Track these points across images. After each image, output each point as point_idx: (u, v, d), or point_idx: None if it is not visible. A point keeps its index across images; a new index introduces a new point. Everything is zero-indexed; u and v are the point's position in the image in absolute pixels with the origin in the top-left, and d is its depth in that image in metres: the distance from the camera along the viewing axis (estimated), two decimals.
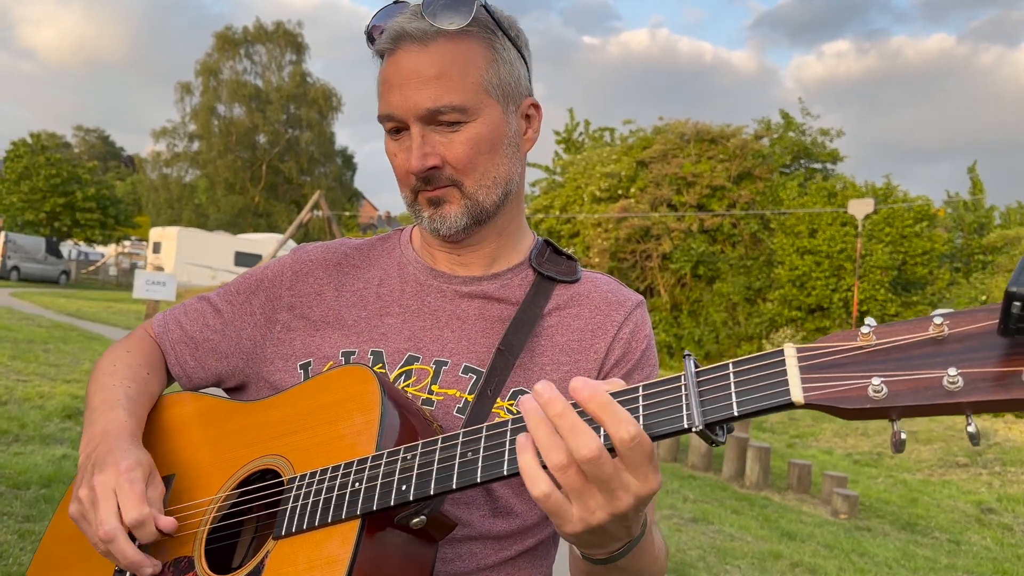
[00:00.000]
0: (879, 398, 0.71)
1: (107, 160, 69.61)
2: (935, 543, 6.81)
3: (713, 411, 0.78)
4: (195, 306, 1.36)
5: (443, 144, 1.13)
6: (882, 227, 19.71)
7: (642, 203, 22.53)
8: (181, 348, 1.32)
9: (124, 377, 1.26)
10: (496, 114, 1.16)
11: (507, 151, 1.18)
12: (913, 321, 0.73)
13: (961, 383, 0.68)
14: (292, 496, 1.02)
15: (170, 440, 1.24)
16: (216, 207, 49.36)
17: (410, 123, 1.13)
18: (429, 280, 1.25)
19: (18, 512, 4.44)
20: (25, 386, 7.88)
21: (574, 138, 27.87)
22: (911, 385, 0.71)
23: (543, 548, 1.23)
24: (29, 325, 13.29)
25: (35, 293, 23.96)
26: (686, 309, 21.97)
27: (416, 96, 1.11)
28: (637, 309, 1.26)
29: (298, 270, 1.31)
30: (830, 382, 0.74)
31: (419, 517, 0.96)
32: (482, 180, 1.16)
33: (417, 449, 0.95)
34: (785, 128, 23.75)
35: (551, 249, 1.31)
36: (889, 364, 0.72)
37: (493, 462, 0.89)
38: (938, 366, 0.70)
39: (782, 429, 12.06)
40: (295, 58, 51.05)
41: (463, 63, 1.12)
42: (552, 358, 1.19)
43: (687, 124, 23.56)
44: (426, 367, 1.18)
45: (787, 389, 0.75)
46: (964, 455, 10.22)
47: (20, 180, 35.93)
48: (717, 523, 6.51)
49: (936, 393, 0.69)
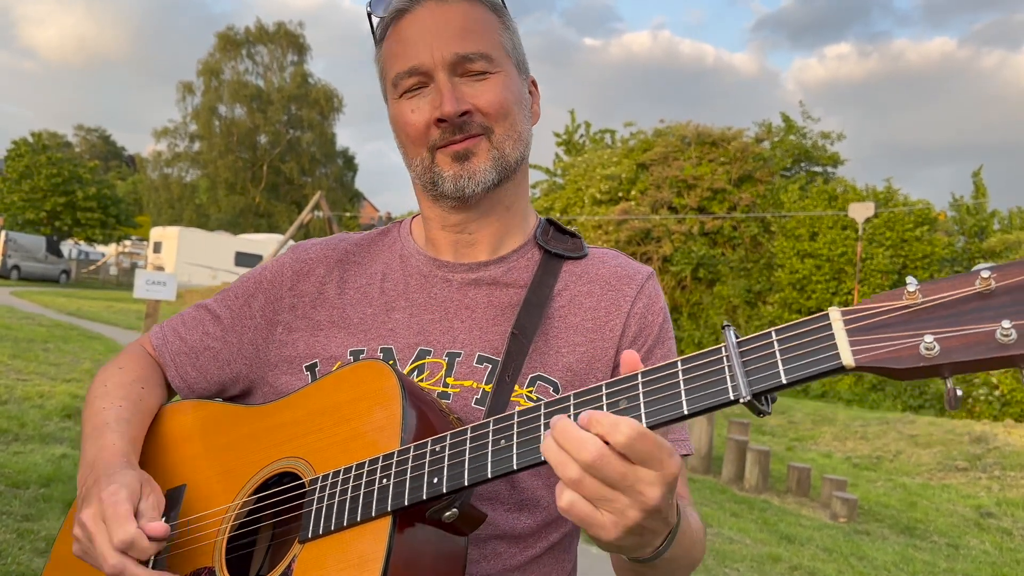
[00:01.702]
0: (932, 355, 0.70)
1: (108, 160, 69.60)
2: (934, 547, 6.80)
3: (760, 380, 0.77)
4: (193, 315, 1.33)
5: (472, 93, 1.13)
6: (882, 231, 19.70)
7: (643, 205, 22.52)
8: (182, 359, 1.29)
9: (115, 397, 1.23)
10: (515, 74, 1.19)
11: (524, 111, 1.20)
12: (959, 276, 0.72)
13: (1015, 335, 0.67)
14: (316, 498, 1.00)
15: (177, 450, 1.21)
16: (217, 207, 49.36)
17: (436, 73, 1.12)
18: (433, 271, 1.23)
19: (17, 511, 4.43)
20: (25, 385, 7.88)
21: (575, 140, 27.86)
22: (963, 341, 0.69)
23: (567, 541, 1.21)
24: (29, 324, 13.29)
25: (35, 292, 23.96)
26: (686, 311, 21.95)
27: (445, 45, 1.12)
28: (648, 281, 1.24)
29: (298, 269, 1.29)
30: (880, 343, 0.72)
31: (451, 510, 0.95)
32: (510, 131, 1.16)
33: (446, 440, 0.93)
34: (786, 131, 23.76)
35: (555, 227, 1.29)
36: (938, 321, 0.71)
37: (529, 448, 0.87)
38: (989, 320, 0.69)
39: (781, 432, 12.05)
40: (296, 59, 51.09)
41: (483, 22, 1.16)
42: (568, 340, 1.17)
43: (688, 126, 23.56)
44: (439, 360, 1.16)
45: (836, 353, 0.73)
46: (963, 459, 10.21)
47: (21, 179, 35.97)
48: (716, 526, 6.50)
49: (990, 347, 0.68)
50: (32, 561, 3.86)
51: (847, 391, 16.83)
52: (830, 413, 13.55)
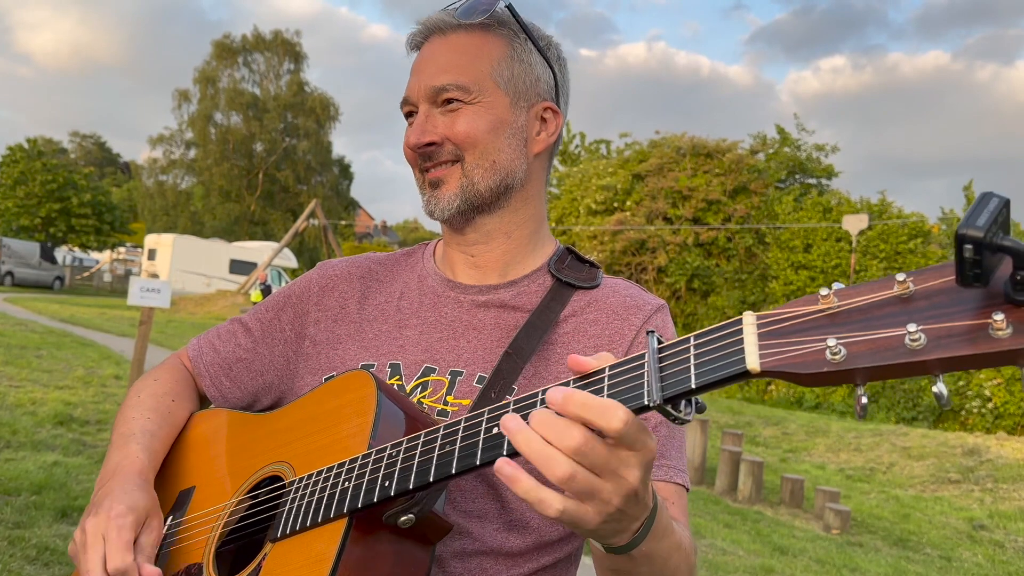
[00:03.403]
0: (837, 360, 0.67)
1: (103, 166, 69.60)
2: (927, 559, 6.81)
3: (671, 385, 0.75)
4: (228, 328, 1.39)
5: (445, 123, 1.19)
6: (876, 243, 19.80)
7: (638, 216, 22.60)
8: (216, 370, 1.35)
9: (146, 408, 1.29)
10: (501, 104, 1.20)
11: (509, 140, 1.20)
12: (877, 281, 0.69)
13: (924, 340, 0.64)
14: (290, 499, 1.04)
15: (193, 454, 1.28)
16: (212, 214, 49.34)
17: (420, 104, 1.20)
18: (446, 291, 1.26)
19: (9, 519, 4.42)
20: (17, 392, 7.85)
21: (570, 150, 27.97)
22: (870, 346, 0.66)
23: (561, 567, 1.19)
24: (22, 331, 13.25)
25: (29, 299, 23.88)
26: (680, 322, 21.99)
27: (427, 79, 1.19)
28: (657, 313, 1.23)
29: (324, 285, 1.34)
30: (788, 347, 0.70)
31: (407, 515, 0.95)
32: (481, 160, 1.19)
33: (402, 445, 0.95)
34: (781, 143, 23.90)
35: (573, 256, 1.30)
36: (850, 326, 0.68)
37: (467, 452, 0.87)
38: (900, 324, 0.65)
39: (775, 443, 12.07)
40: (293, 67, 51.17)
41: (475, 52, 1.20)
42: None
43: (683, 138, 23.67)
44: (442, 378, 1.18)
45: (742, 357, 0.71)
46: (956, 471, 10.23)
47: (16, 185, 35.90)
48: (709, 537, 6.50)
49: (897, 352, 0.65)
50: (23, 568, 3.84)
51: (841, 403, 16.87)
52: (824, 424, 13.57)
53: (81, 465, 5.67)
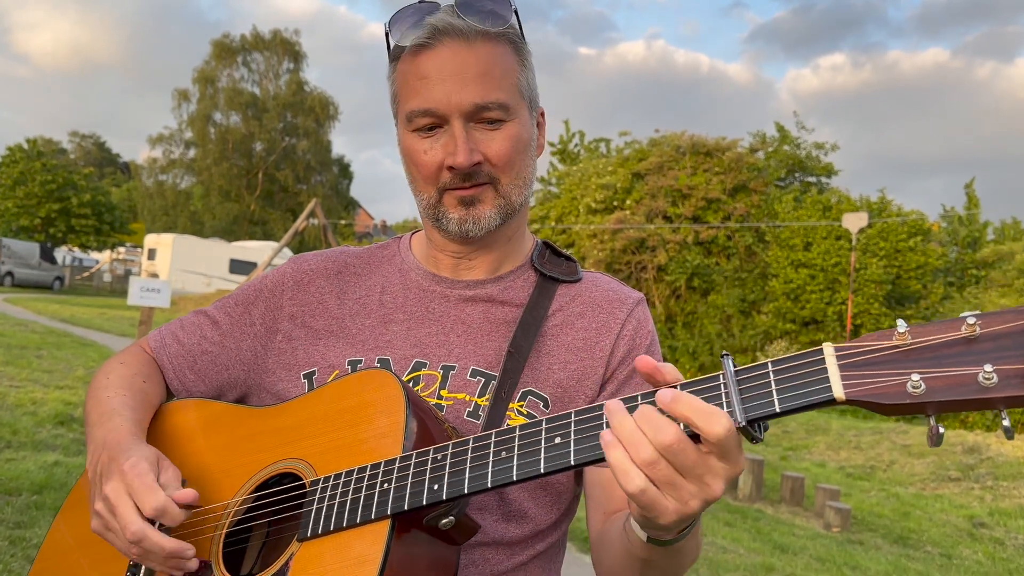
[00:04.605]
0: (917, 394, 0.74)
1: (103, 166, 69.55)
2: (927, 557, 6.81)
3: (755, 408, 0.80)
4: (192, 320, 1.35)
5: (484, 141, 1.14)
6: (876, 241, 19.79)
7: (637, 215, 22.58)
8: (179, 362, 1.31)
9: (119, 388, 1.25)
10: (526, 117, 1.20)
11: (531, 153, 1.22)
12: (946, 321, 0.76)
13: (996, 379, 0.71)
14: (316, 498, 1.03)
15: (177, 447, 1.23)
16: (212, 214, 49.29)
17: (452, 119, 1.12)
18: (432, 286, 1.26)
19: (9, 519, 4.42)
20: (18, 392, 7.85)
21: (569, 149, 27.94)
22: (948, 382, 0.73)
23: (553, 551, 1.24)
24: (22, 331, 13.25)
25: (28, 299, 23.88)
26: (681, 321, 21.99)
27: (462, 92, 1.11)
28: (638, 307, 1.28)
29: (299, 279, 1.31)
30: (870, 379, 0.76)
31: (448, 518, 0.97)
32: (516, 180, 1.18)
33: (448, 449, 0.96)
34: (780, 141, 23.87)
35: (550, 251, 1.33)
36: (925, 362, 0.75)
37: (529, 460, 0.90)
38: (973, 363, 0.73)
39: (775, 442, 12.07)
40: (292, 66, 51.11)
41: (503, 64, 1.15)
42: (560, 357, 1.21)
43: (683, 136, 23.64)
44: (434, 372, 1.19)
45: (829, 386, 0.77)
46: (956, 469, 10.23)
47: (15, 185, 35.91)
48: (710, 535, 6.50)
49: (971, 389, 0.72)
50: (24, 569, 3.84)
51: None
52: (824, 423, 13.57)
53: (82, 465, 5.67)
